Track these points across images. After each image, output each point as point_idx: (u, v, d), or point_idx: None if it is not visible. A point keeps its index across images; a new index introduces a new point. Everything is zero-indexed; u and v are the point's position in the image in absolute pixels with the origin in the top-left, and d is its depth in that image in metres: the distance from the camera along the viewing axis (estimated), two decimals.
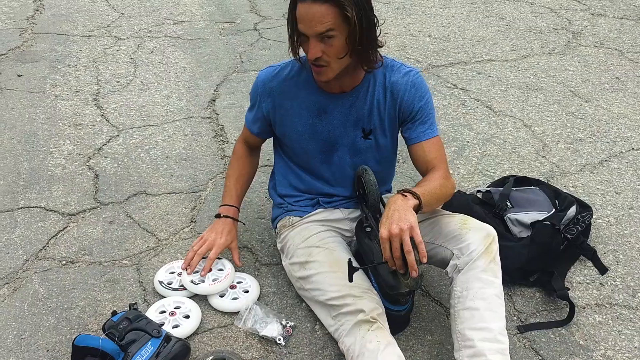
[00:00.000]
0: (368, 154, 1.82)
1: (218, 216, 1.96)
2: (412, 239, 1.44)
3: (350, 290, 1.61)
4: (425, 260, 1.44)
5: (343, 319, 1.61)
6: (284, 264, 1.91)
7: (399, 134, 1.83)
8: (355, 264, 1.58)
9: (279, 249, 1.96)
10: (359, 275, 1.61)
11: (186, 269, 1.88)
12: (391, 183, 2.05)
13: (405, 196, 1.53)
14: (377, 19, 1.60)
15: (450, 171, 2.54)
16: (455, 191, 2.21)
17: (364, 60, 1.64)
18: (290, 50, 1.69)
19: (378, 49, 1.66)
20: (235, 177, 1.99)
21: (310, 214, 1.89)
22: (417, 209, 1.53)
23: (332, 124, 1.76)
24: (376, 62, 1.67)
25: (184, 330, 1.75)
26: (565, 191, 2.23)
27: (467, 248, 1.60)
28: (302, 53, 1.69)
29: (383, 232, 1.47)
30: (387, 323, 1.60)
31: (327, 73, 1.62)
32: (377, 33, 1.63)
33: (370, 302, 1.59)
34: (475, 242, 1.60)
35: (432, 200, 1.61)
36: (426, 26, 4.11)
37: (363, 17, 1.54)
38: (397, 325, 1.75)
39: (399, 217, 1.46)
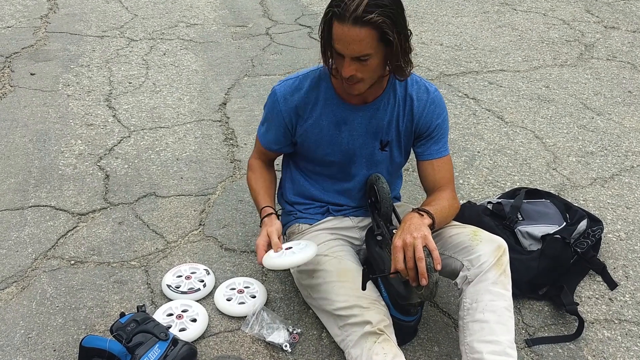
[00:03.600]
0: (382, 166, 1.83)
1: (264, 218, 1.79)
2: (425, 248, 1.45)
3: (358, 301, 1.61)
4: (439, 267, 1.45)
5: (350, 329, 1.60)
6: (291, 271, 1.91)
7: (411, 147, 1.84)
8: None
9: None
10: (367, 285, 1.61)
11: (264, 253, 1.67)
12: (399, 191, 2.05)
13: (422, 215, 1.57)
14: (410, 32, 1.57)
15: (461, 181, 2.54)
16: (466, 202, 2.21)
17: (398, 71, 1.62)
18: (321, 58, 1.64)
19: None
20: (262, 187, 1.87)
21: (319, 221, 1.88)
22: (431, 227, 1.56)
23: (352, 135, 1.75)
24: (410, 71, 1.66)
25: (190, 333, 1.75)
26: (576, 205, 2.22)
27: (477, 260, 1.59)
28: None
29: (397, 241, 1.48)
30: (394, 335, 1.59)
31: (359, 88, 1.60)
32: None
33: (377, 314, 1.58)
34: (486, 254, 1.59)
35: (442, 220, 1.66)
36: (438, 35, 4.11)
37: (402, 36, 1.53)
38: (406, 335, 1.74)
39: (414, 228, 1.49)
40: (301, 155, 1.86)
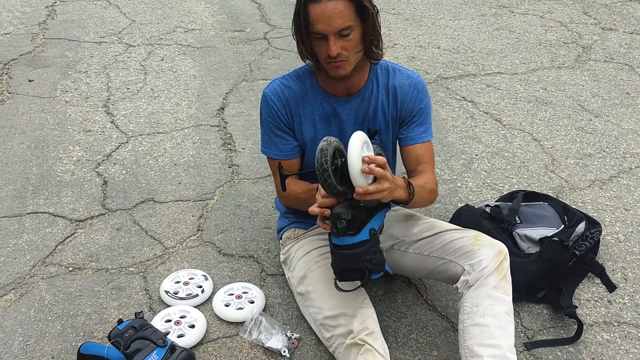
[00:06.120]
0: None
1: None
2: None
3: (344, 309, 1.62)
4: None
5: (337, 340, 1.62)
6: (286, 276, 1.92)
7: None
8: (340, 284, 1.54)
9: (281, 260, 1.96)
10: (354, 290, 1.59)
11: None
12: None
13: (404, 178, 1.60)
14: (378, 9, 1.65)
15: (459, 184, 2.54)
16: (464, 205, 2.21)
17: (371, 52, 1.67)
18: (301, 54, 1.69)
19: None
20: (302, 184, 1.77)
21: (314, 226, 1.88)
22: (406, 201, 1.57)
23: (341, 127, 1.78)
24: (381, 54, 1.71)
25: (189, 339, 1.75)
26: (574, 207, 2.22)
27: (478, 264, 1.60)
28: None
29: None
30: (379, 341, 1.58)
31: (345, 67, 1.63)
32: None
33: (360, 323, 1.58)
34: (488, 258, 1.60)
35: (419, 200, 1.65)
36: (435, 38, 4.11)
37: (375, 8, 1.60)
38: (347, 269, 1.49)
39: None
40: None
